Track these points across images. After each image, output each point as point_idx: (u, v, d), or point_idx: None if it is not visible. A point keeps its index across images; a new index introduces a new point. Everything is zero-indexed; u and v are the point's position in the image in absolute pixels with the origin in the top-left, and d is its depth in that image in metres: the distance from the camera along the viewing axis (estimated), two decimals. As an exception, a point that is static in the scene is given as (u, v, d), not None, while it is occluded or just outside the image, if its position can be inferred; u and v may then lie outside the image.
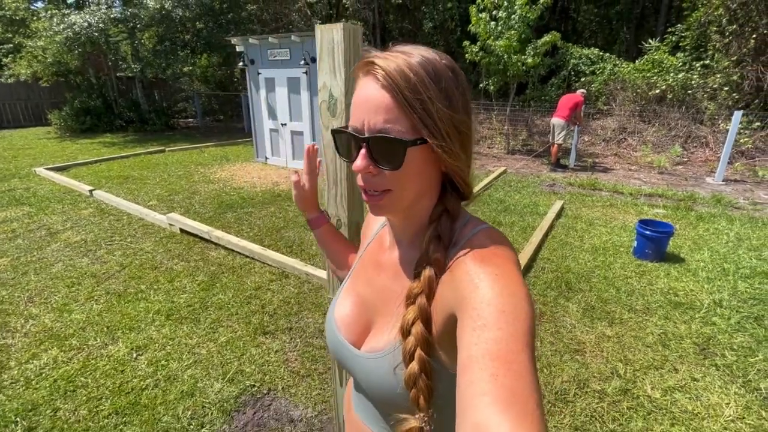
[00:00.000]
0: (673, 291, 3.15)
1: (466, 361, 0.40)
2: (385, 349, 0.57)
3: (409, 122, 0.49)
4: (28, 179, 6.54)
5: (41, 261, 3.66)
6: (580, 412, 2.02)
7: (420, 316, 0.51)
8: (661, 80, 9.24)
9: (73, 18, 8.63)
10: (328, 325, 0.69)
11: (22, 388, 2.16)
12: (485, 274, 0.46)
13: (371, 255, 0.70)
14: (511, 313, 0.41)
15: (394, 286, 0.61)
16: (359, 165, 0.51)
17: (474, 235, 0.55)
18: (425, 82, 0.48)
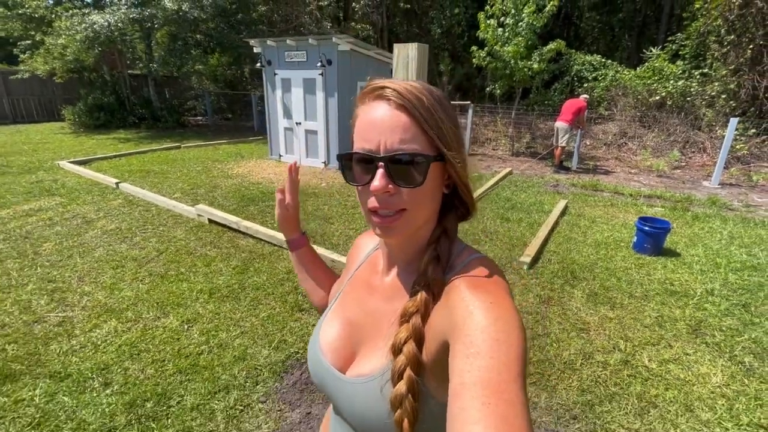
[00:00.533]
0: (669, 281, 3.44)
1: (458, 387, 0.40)
2: (373, 374, 0.56)
3: (426, 140, 0.51)
4: (53, 172, 6.81)
5: (83, 246, 3.94)
6: (586, 378, 2.30)
7: (413, 336, 0.51)
8: (661, 87, 9.56)
9: (93, 18, 8.91)
10: (312, 351, 0.67)
11: (91, 351, 2.44)
12: (480, 301, 0.46)
13: (362, 278, 0.70)
14: (504, 342, 0.42)
15: (386, 309, 0.61)
16: (378, 185, 0.51)
17: (469, 262, 0.56)
18: (434, 104, 0.52)
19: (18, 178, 6.29)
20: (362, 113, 0.54)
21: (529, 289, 3.27)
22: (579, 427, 1.97)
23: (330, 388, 0.62)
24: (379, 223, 0.54)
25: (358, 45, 6.96)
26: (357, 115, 0.55)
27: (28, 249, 3.81)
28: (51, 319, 2.75)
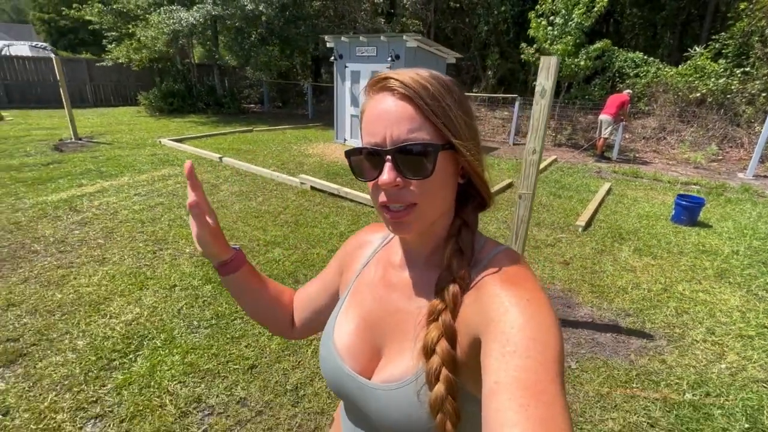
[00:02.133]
0: (701, 244, 4.22)
1: (494, 386, 0.39)
2: (407, 377, 0.53)
3: (434, 129, 0.50)
4: (158, 147, 8.00)
5: (221, 202, 5.00)
6: (635, 296, 3.16)
7: (445, 334, 0.49)
8: (702, 84, 10.01)
9: (181, 14, 10.09)
10: (329, 356, 0.63)
11: (276, 269, 3.45)
12: (516, 297, 0.45)
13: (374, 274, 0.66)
14: (541, 341, 0.41)
15: (410, 308, 0.58)
16: (386, 179, 0.49)
17: (496, 255, 0.54)
18: (441, 91, 0.50)
19: (134, 152, 7.50)
20: (368, 107, 0.53)
21: (585, 244, 4.12)
22: (632, 319, 2.84)
23: (354, 395, 0.59)
24: (390, 219, 0.53)
25: (424, 42, 7.82)
26: (363, 110, 0.54)
27: (183, 202, 4.90)
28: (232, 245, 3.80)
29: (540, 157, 2.34)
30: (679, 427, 1.95)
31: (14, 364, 2.21)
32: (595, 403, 2.09)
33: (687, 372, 2.33)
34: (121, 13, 11.91)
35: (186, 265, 3.36)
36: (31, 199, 4.74)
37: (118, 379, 2.12)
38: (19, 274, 3.12)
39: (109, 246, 3.66)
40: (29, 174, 5.74)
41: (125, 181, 5.63)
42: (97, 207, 4.60)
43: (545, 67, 2.14)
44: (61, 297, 2.84)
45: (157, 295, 2.91)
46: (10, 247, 3.54)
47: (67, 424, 1.85)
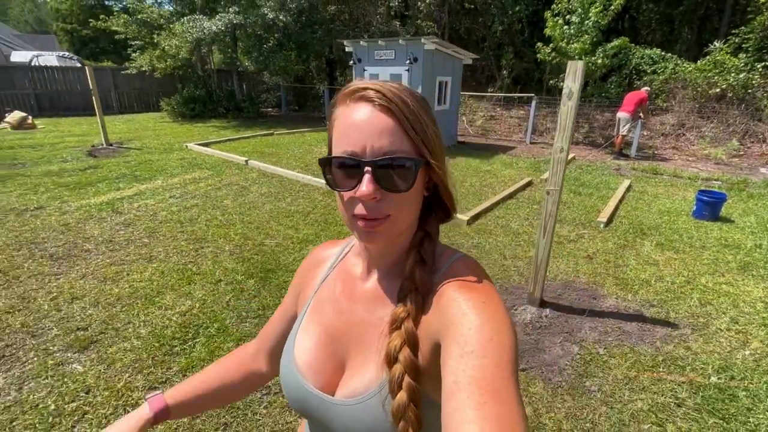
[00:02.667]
0: (723, 238, 4.27)
1: (452, 386, 0.40)
2: (370, 390, 0.53)
3: (411, 143, 0.50)
4: (186, 152, 8.32)
5: (252, 203, 5.23)
6: (659, 288, 3.26)
7: (407, 341, 0.50)
8: (722, 80, 9.92)
9: (205, 23, 10.44)
10: (290, 376, 0.62)
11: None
12: (473, 301, 0.47)
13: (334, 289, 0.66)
14: (498, 342, 0.42)
15: (371, 319, 0.58)
16: (366, 191, 0.49)
17: (454, 262, 0.56)
18: (418, 107, 0.51)
19: (163, 156, 7.82)
20: (342, 115, 0.52)
21: (607, 239, 4.22)
22: (656, 310, 2.95)
23: (318, 413, 0.58)
24: (363, 228, 0.52)
25: (441, 44, 7.98)
26: (335, 117, 0.53)
27: (217, 203, 5.15)
28: (267, 243, 4.01)
29: (567, 155, 2.48)
30: (706, 407, 2.07)
31: (87, 349, 2.44)
32: (624, 385, 2.22)
33: (712, 358, 2.44)
34: (145, 22, 12.35)
35: (228, 261, 3.58)
36: (76, 203, 5.04)
37: (182, 362, 2.33)
38: (77, 271, 3.38)
39: (154, 245, 3.91)
40: (69, 179, 6.07)
41: (159, 184, 5.91)
42: (137, 209, 4.88)
43: (572, 70, 2.29)
44: (118, 291, 3.08)
45: (205, 289, 3.13)
46: (64, 247, 3.82)
47: (142, 400, 2.07)
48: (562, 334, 2.66)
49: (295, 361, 0.62)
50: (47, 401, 2.04)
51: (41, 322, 2.69)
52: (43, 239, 3.95)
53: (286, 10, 11.24)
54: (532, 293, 2.92)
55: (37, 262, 3.50)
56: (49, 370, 2.26)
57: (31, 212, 4.66)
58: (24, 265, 3.43)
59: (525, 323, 2.77)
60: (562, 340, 2.61)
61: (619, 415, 2.02)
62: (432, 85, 8.35)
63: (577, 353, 2.48)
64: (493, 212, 5.03)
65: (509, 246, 4.04)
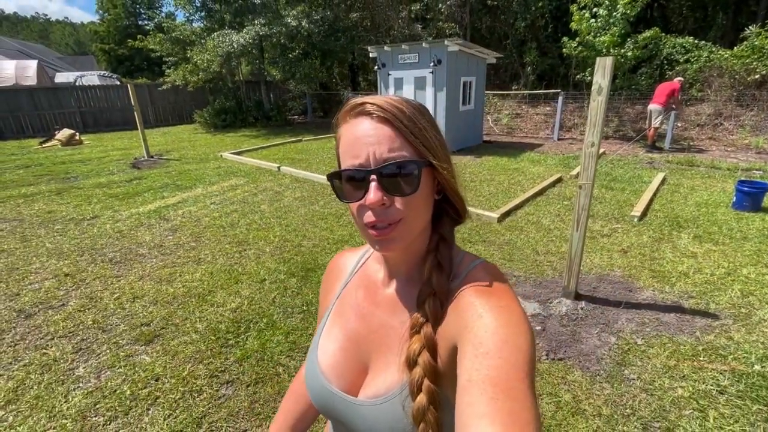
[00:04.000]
0: (767, 228, 4.16)
1: (466, 383, 0.42)
2: (392, 391, 0.55)
3: (412, 148, 0.52)
4: (221, 161, 8.71)
5: (287, 207, 5.47)
6: (698, 281, 3.23)
7: (426, 345, 0.51)
8: (762, 65, 9.51)
9: (234, 37, 10.90)
10: (314, 377, 0.65)
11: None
12: (489, 305, 0.48)
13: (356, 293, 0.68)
14: (513, 344, 0.43)
15: (393, 323, 0.60)
16: (373, 198, 0.51)
17: (473, 268, 0.57)
18: (415, 113, 0.54)
19: (201, 165, 8.22)
20: (345, 132, 0.55)
21: (642, 233, 4.18)
22: (695, 301, 2.94)
23: (341, 414, 0.60)
24: (376, 237, 0.54)
25: (465, 45, 8.04)
26: (340, 136, 0.56)
27: (254, 208, 5.41)
28: (305, 244, 4.21)
29: (598, 150, 2.53)
30: (749, 394, 2.08)
31: (153, 343, 2.68)
32: (663, 373, 2.25)
33: (755, 347, 2.43)
34: (178, 40, 12.97)
35: (270, 262, 3.79)
36: (126, 211, 5.41)
37: (237, 354, 2.53)
38: (134, 273, 3.66)
39: (201, 248, 4.18)
40: (118, 190, 6.51)
41: (200, 192, 6.25)
42: (182, 216, 5.19)
43: (601, 66, 2.35)
44: (173, 290, 3.33)
45: (251, 288, 3.34)
46: (120, 252, 4.14)
47: (206, 387, 2.27)
48: (598, 326, 2.70)
49: (319, 364, 0.65)
50: (123, 387, 2.27)
51: (109, 319, 2.96)
52: (101, 245, 4.29)
53: (310, 19, 11.58)
54: (567, 286, 2.97)
55: (99, 266, 3.82)
56: (121, 360, 2.50)
57: (88, 221, 5.05)
58: (88, 269, 3.75)
59: (561, 315, 2.83)
60: (598, 331, 2.65)
61: (659, 402, 2.06)
62: (456, 85, 8.43)
63: (615, 343, 2.52)
64: (524, 209, 5.06)
65: (541, 242, 4.07)
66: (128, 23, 33.16)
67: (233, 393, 2.23)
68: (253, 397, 2.19)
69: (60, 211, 5.42)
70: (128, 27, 32.79)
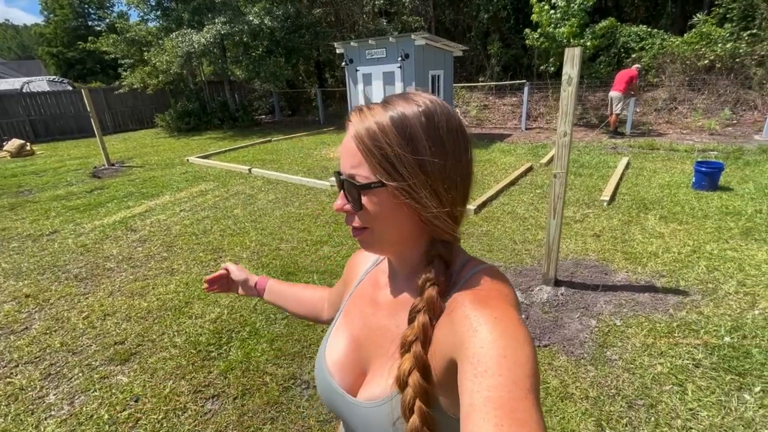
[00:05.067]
0: (724, 206, 4.39)
1: (468, 409, 0.40)
2: (383, 397, 0.56)
3: (370, 167, 0.53)
4: (188, 166, 8.41)
5: (261, 210, 5.34)
6: (667, 259, 3.38)
7: (416, 366, 0.50)
8: (710, 51, 10.02)
9: (194, 37, 10.50)
10: (320, 371, 0.67)
11: (332, 264, 3.75)
12: (484, 317, 0.46)
13: (364, 293, 0.70)
14: (511, 358, 0.41)
15: (391, 324, 0.61)
16: (337, 204, 0.57)
17: (472, 275, 0.55)
18: (387, 131, 0.51)
19: (166, 171, 7.90)
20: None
21: (612, 217, 4.33)
22: (666, 279, 3.07)
23: (342, 410, 0.63)
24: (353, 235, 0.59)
25: (431, 39, 8.06)
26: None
27: (227, 213, 5.25)
28: (283, 247, 4.12)
29: (570, 140, 2.59)
30: (722, 365, 2.19)
31: (129, 361, 2.55)
32: (643, 352, 2.34)
33: (723, 320, 2.56)
34: (134, 41, 12.40)
35: (248, 267, 3.69)
36: (89, 224, 5.14)
37: (221, 366, 2.45)
38: (103, 289, 3.48)
39: (174, 258, 4.01)
40: (78, 201, 6.17)
41: (168, 200, 6.01)
42: (150, 225, 4.98)
43: (570, 57, 2.39)
44: (147, 305, 3.19)
45: (230, 296, 3.24)
46: (86, 267, 3.92)
47: (190, 404, 2.18)
48: (579, 310, 2.78)
49: (326, 361, 0.67)
50: (100, 412, 2.15)
51: (79, 339, 2.79)
52: (64, 262, 4.05)
53: (273, 16, 11.31)
54: (547, 273, 3.04)
55: (64, 284, 3.61)
56: (96, 383, 2.37)
57: (47, 237, 4.76)
58: (51, 288, 3.53)
59: (543, 302, 2.89)
60: (579, 315, 2.73)
61: (641, 380, 2.14)
62: (425, 79, 8.44)
63: (595, 326, 2.60)
64: (498, 200, 5.14)
65: (518, 231, 4.15)
66: (77, 24, 31.42)
67: (220, 407, 2.15)
68: (242, 410, 2.12)
69: (15, 228, 5.09)
70: (77, 28, 31.07)
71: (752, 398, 1.97)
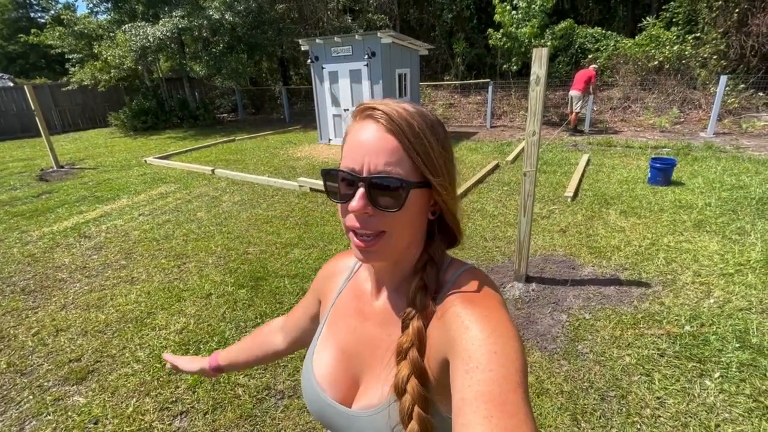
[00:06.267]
0: (677, 200, 4.65)
1: (460, 403, 0.41)
2: (380, 405, 0.55)
3: (412, 165, 0.51)
4: (146, 167, 7.99)
5: (227, 212, 5.14)
6: (629, 253, 3.52)
7: (414, 372, 0.50)
8: (659, 53, 10.61)
9: (149, 30, 9.98)
10: (309, 387, 0.65)
11: (300, 268, 3.65)
12: (475, 315, 0.47)
13: (347, 304, 0.68)
14: (502, 354, 0.42)
15: (382, 335, 0.60)
16: (356, 206, 0.51)
17: (458, 277, 0.57)
18: (425, 129, 0.52)
19: (123, 173, 7.48)
20: (351, 132, 0.55)
21: (576, 212, 4.48)
22: (629, 272, 3.21)
23: (337, 423, 0.61)
24: (358, 246, 0.54)
25: (398, 37, 8.05)
26: (348, 132, 0.56)
27: (190, 217, 5.02)
28: (251, 251, 3.98)
29: (539, 138, 2.64)
30: (684, 353, 2.30)
31: (86, 380, 2.37)
32: (612, 344, 2.42)
33: (683, 309, 2.69)
34: (83, 34, 11.64)
35: (214, 274, 3.54)
36: (37, 231, 4.77)
37: (189, 380, 2.32)
38: (55, 302, 3.23)
39: (133, 266, 3.79)
40: (24, 207, 5.72)
41: (125, 203, 5.68)
42: (106, 231, 4.68)
43: (538, 57, 2.43)
44: (105, 317, 2.98)
45: (196, 305, 3.09)
46: (34, 279, 3.63)
47: (156, 422, 2.05)
48: (549, 305, 2.85)
49: (314, 374, 0.65)
50: (55, 437, 1.98)
51: (28, 359, 2.57)
52: (9, 273, 3.73)
53: (234, 11, 10.93)
54: (518, 270, 3.09)
55: (9, 297, 3.32)
56: (48, 406, 2.18)
57: (-11, 247, 4.37)
58: (-6, 303, 3.24)
59: (515, 299, 2.94)
60: (550, 310, 2.79)
61: (611, 372, 2.21)
62: (392, 78, 8.44)
63: (566, 320, 2.67)
64: (467, 198, 5.20)
65: (488, 228, 4.21)
66: (18, 15, 29.18)
67: (189, 425, 2.04)
68: (213, 425, 2.02)
69: (-50, 238, 4.64)
70: (19, 20, 28.86)
71: (713, 384, 2.08)
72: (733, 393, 2.02)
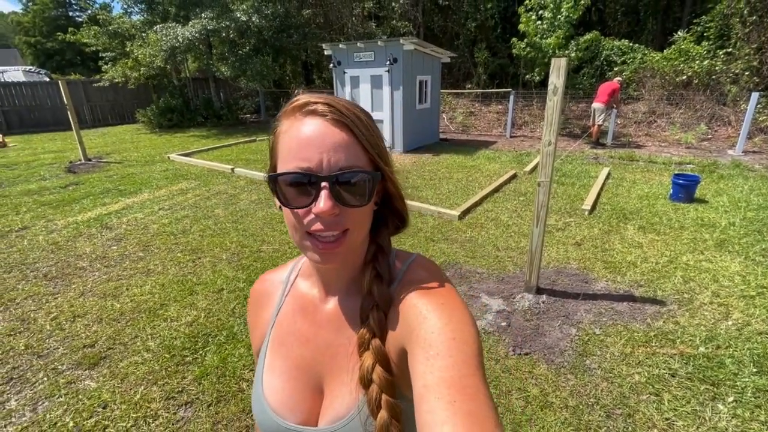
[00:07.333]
0: (700, 218, 4.51)
1: (422, 390, 0.41)
2: (351, 412, 0.54)
3: (367, 158, 0.52)
4: (169, 163, 8.21)
5: (243, 210, 5.24)
6: (645, 269, 3.44)
7: (378, 360, 0.51)
8: (687, 67, 10.36)
9: (179, 30, 10.30)
10: (266, 419, 0.60)
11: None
12: (432, 304, 0.48)
13: (290, 320, 0.65)
14: (460, 339, 0.44)
15: (340, 339, 0.59)
16: (324, 207, 0.48)
17: (409, 266, 0.57)
18: (369, 120, 0.53)
19: (146, 168, 7.71)
20: (290, 129, 0.51)
21: (593, 226, 4.40)
22: (644, 289, 3.12)
23: None
24: (321, 249, 0.51)
25: (420, 44, 8.10)
26: (282, 131, 0.52)
27: (208, 213, 5.14)
28: (265, 249, 4.04)
29: (555, 149, 2.61)
30: (697, 375, 2.23)
31: (98, 365, 2.44)
32: (621, 361, 2.36)
33: (698, 330, 2.61)
34: (117, 33, 12.09)
35: (227, 270, 3.60)
36: (62, 221, 4.95)
37: (196, 371, 2.37)
38: (74, 289, 3.34)
39: (150, 258, 3.89)
40: (51, 197, 5.94)
41: (146, 197, 5.85)
42: (127, 223, 4.83)
43: (556, 67, 2.41)
44: (120, 306, 3.07)
45: (208, 299, 3.15)
46: (57, 266, 3.77)
47: (162, 411, 2.10)
48: (559, 318, 2.80)
49: (268, 402, 0.61)
50: (65, 419, 2.05)
51: (45, 342, 2.67)
52: (33, 260, 3.88)
53: (261, 15, 11.19)
54: (529, 281, 3.05)
55: (32, 282, 3.45)
56: (61, 388, 2.26)
57: (17, 233, 4.56)
58: (18, 287, 3.38)
59: (524, 310, 2.90)
60: (560, 323, 2.74)
61: (619, 389, 2.16)
62: (413, 84, 8.47)
63: (576, 334, 2.62)
64: (482, 206, 5.17)
65: (501, 238, 4.17)
66: (57, 14, 30.54)
67: (193, 415, 2.08)
68: (216, 417, 2.05)
69: (-18, 223, 4.86)
70: (57, 18, 30.20)
71: (725, 408, 2.01)
72: (747, 419, 1.94)
